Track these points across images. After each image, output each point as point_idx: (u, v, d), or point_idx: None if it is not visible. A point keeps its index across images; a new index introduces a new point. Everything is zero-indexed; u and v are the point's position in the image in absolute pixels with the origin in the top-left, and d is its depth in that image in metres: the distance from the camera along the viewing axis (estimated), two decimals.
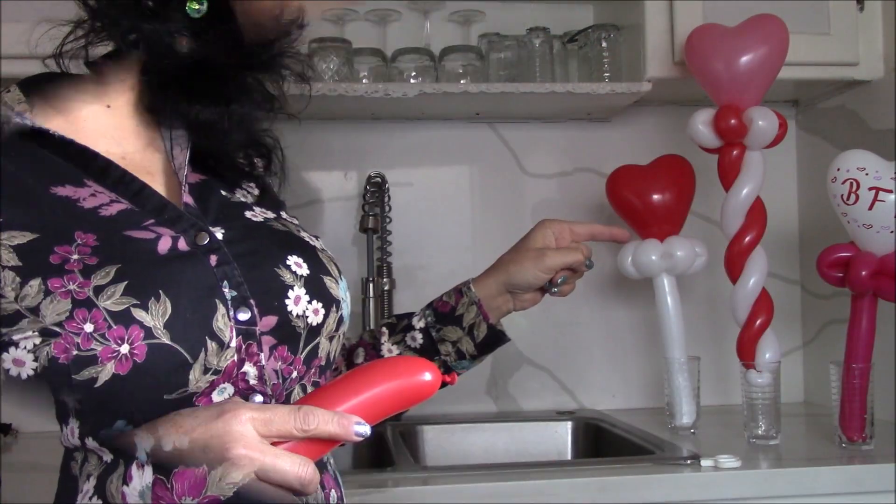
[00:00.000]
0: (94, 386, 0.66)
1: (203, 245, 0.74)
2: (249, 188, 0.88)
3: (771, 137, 1.58)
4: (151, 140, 0.82)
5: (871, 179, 1.45)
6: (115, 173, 0.75)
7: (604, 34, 1.80)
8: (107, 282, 0.67)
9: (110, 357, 0.65)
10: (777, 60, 1.58)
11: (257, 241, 0.79)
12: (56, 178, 0.73)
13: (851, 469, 1.37)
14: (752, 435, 1.57)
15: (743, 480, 1.34)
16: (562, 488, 1.30)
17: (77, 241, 0.69)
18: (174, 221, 0.75)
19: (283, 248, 0.80)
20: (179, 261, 0.72)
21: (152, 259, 0.70)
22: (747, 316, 1.60)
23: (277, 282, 0.77)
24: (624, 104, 1.83)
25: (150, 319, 0.67)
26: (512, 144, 1.97)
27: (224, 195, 0.83)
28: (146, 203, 0.75)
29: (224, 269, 0.74)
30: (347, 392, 0.69)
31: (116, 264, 0.68)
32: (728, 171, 1.62)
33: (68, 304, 0.66)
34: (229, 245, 0.76)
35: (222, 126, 0.80)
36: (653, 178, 1.72)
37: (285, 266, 0.78)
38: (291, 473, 0.63)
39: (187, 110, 0.79)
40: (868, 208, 1.45)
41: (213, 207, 0.80)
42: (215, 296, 0.72)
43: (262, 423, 0.64)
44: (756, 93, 1.59)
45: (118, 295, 0.67)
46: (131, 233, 0.71)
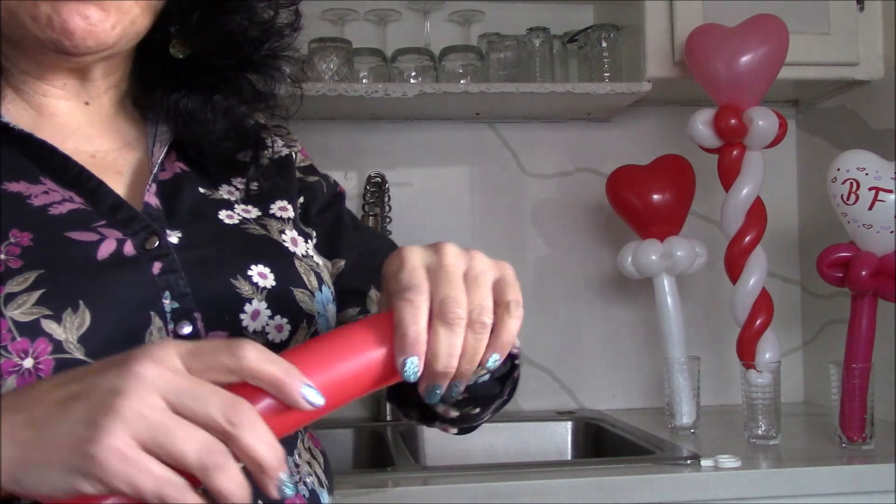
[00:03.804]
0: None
1: (150, 250, 0.68)
2: (239, 184, 0.81)
3: (771, 137, 1.58)
4: (132, 139, 0.78)
5: (871, 179, 1.45)
6: (73, 170, 0.69)
7: (604, 34, 1.80)
8: (21, 289, 0.61)
9: (11, 371, 0.59)
10: (777, 60, 1.58)
11: (217, 247, 0.72)
12: (10, 174, 0.68)
13: (851, 469, 1.37)
14: (752, 435, 1.57)
15: (743, 480, 1.34)
16: (562, 488, 1.30)
17: (10, 239, 0.63)
18: (126, 223, 0.68)
19: (247, 256, 0.73)
20: (116, 268, 0.65)
21: (84, 265, 0.64)
22: (747, 316, 1.60)
23: (231, 293, 0.70)
24: (624, 104, 1.83)
25: (61, 332, 0.60)
26: (512, 144, 1.97)
27: (202, 192, 0.77)
28: (100, 203, 0.69)
29: (168, 277, 0.67)
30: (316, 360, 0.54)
31: (39, 270, 0.62)
32: (728, 171, 1.62)
33: None
34: (184, 250, 0.69)
35: (204, 114, 0.77)
36: (653, 178, 1.73)
37: (244, 276, 0.71)
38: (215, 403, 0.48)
39: (171, 99, 0.76)
40: (868, 208, 1.45)
41: (183, 207, 0.74)
42: (151, 307, 0.65)
43: (188, 353, 0.50)
44: (756, 93, 1.59)
45: (29, 304, 0.61)
46: (73, 234, 0.66)
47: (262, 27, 0.79)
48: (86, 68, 0.73)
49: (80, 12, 0.66)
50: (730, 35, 1.57)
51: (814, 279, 1.74)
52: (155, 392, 0.47)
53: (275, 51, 0.80)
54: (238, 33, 0.77)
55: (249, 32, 0.78)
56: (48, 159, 0.69)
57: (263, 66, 0.80)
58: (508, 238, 1.95)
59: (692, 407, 1.67)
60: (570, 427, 1.80)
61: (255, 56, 0.79)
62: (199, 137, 0.78)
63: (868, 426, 1.48)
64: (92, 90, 0.75)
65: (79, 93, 0.75)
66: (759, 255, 1.61)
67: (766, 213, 1.62)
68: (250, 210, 0.78)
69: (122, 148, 0.76)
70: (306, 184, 0.86)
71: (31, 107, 0.73)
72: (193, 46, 0.77)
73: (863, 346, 1.50)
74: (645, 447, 1.53)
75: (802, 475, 1.36)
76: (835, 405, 1.52)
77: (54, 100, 0.74)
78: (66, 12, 0.65)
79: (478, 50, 1.82)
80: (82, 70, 0.73)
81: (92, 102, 0.76)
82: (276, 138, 0.86)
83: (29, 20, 0.66)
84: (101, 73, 0.75)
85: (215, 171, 0.79)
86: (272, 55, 0.80)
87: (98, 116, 0.76)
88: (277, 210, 0.80)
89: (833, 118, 1.89)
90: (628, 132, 1.97)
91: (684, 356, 1.70)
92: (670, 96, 1.87)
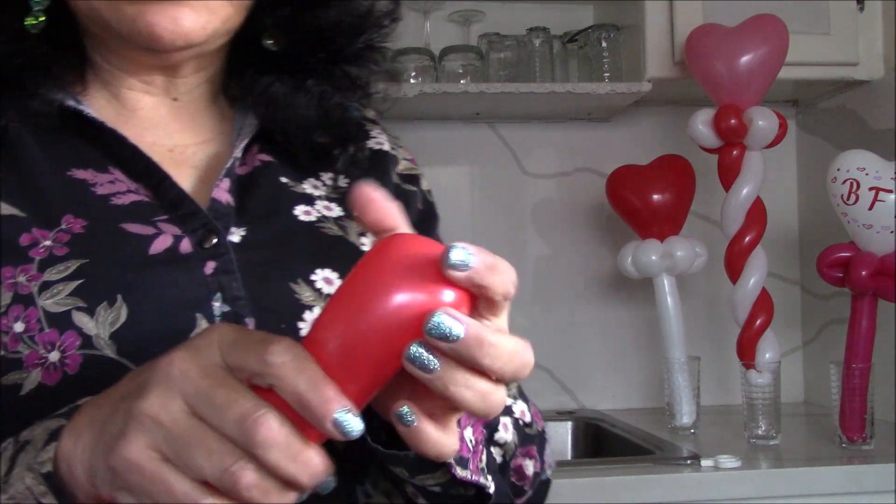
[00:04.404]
0: (19, 393, 0.57)
1: (206, 249, 0.63)
2: (328, 179, 0.75)
3: (771, 137, 1.58)
4: (217, 134, 0.73)
5: (871, 179, 1.45)
6: (141, 162, 0.66)
7: (604, 34, 1.80)
8: (60, 277, 0.58)
9: (36, 364, 0.56)
10: (777, 60, 1.58)
11: (284, 248, 0.67)
12: (80, 162, 0.65)
13: (851, 469, 1.37)
14: (752, 435, 1.57)
15: (743, 480, 1.34)
16: (562, 488, 1.29)
17: (62, 225, 0.61)
18: (186, 219, 0.64)
19: (313, 258, 0.67)
20: (165, 265, 0.62)
21: (131, 259, 0.61)
22: (747, 316, 1.60)
23: (290, 299, 0.64)
24: (624, 104, 1.83)
25: (92, 326, 0.57)
26: (512, 144, 1.97)
27: (283, 182, 0.72)
28: (164, 196, 0.65)
29: (221, 278, 0.62)
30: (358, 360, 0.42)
31: (83, 259, 0.59)
32: (728, 171, 1.62)
33: (9, 297, 0.58)
34: (245, 250, 0.65)
35: (296, 99, 0.72)
36: (653, 178, 1.73)
37: (306, 281, 0.65)
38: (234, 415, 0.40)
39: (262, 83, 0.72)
40: (868, 208, 1.45)
41: (257, 202, 0.69)
42: (198, 309, 0.61)
43: (231, 344, 0.43)
44: (756, 93, 1.59)
45: (64, 294, 0.58)
46: (129, 226, 0.63)
47: (358, 19, 0.74)
48: (175, 65, 0.69)
49: (168, 14, 0.62)
50: (730, 35, 1.57)
51: (814, 279, 1.74)
52: (176, 393, 0.42)
53: (371, 42, 0.75)
54: (330, 28, 0.73)
55: (344, 25, 0.73)
56: (118, 150, 0.66)
57: (358, 57, 0.75)
58: (508, 238, 1.95)
59: (692, 407, 1.67)
60: (570, 427, 1.80)
61: (348, 49, 0.74)
62: (287, 123, 0.73)
63: (868, 426, 1.48)
64: (181, 86, 0.72)
65: (167, 89, 0.71)
66: (759, 255, 1.61)
67: (766, 213, 1.62)
68: (332, 208, 0.72)
69: (203, 142, 0.72)
70: (402, 190, 0.80)
71: (116, 99, 0.70)
72: (286, 40, 0.73)
73: (863, 346, 1.50)
74: (645, 447, 1.53)
75: (802, 475, 1.36)
76: (835, 405, 1.52)
77: (140, 94, 0.71)
78: (151, 15, 0.62)
79: (478, 50, 1.82)
80: (172, 67, 0.69)
81: (180, 98, 0.72)
82: (378, 134, 0.80)
83: (113, 20, 0.63)
84: (192, 69, 0.71)
85: (304, 162, 0.74)
86: (367, 47, 0.75)
87: (185, 112, 0.72)
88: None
89: (833, 118, 1.89)
90: (628, 132, 1.97)
91: (684, 356, 1.70)
92: (670, 96, 1.87)
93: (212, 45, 0.67)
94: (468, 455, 0.58)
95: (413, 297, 0.42)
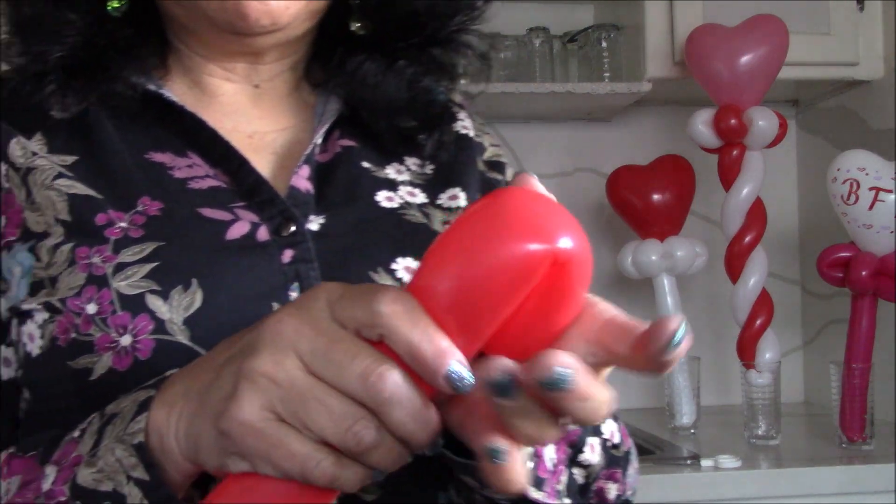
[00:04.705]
0: (88, 378, 0.55)
1: (285, 237, 0.61)
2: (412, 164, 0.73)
3: (771, 137, 1.58)
4: (299, 121, 0.71)
5: (871, 179, 1.45)
6: (220, 148, 0.64)
7: (604, 34, 1.80)
8: (135, 259, 0.57)
9: (107, 348, 0.55)
10: (777, 60, 1.58)
11: (364, 236, 0.64)
12: (158, 145, 0.64)
13: (851, 469, 1.37)
14: (752, 435, 1.57)
15: (743, 480, 1.34)
16: None
17: (138, 207, 0.60)
18: (264, 206, 0.63)
19: (395, 246, 0.64)
20: (242, 251, 0.60)
21: (208, 243, 0.59)
22: (747, 316, 1.60)
23: None
24: (624, 104, 1.83)
25: (165, 311, 0.55)
26: (512, 144, 1.97)
27: (365, 167, 0.69)
28: (242, 182, 0.63)
29: (299, 267, 0.60)
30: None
31: (159, 242, 0.58)
32: (728, 171, 1.62)
33: (83, 278, 0.56)
34: (324, 239, 0.62)
35: (386, 79, 0.70)
36: (653, 178, 1.73)
37: (387, 270, 0.62)
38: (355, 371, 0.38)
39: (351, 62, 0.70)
40: (868, 208, 1.45)
41: (338, 189, 0.67)
42: (274, 298, 0.58)
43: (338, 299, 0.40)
44: (756, 93, 1.59)
45: (139, 276, 0.56)
46: (205, 211, 0.61)
47: (451, 1, 0.72)
48: (258, 52, 0.68)
49: None
50: (730, 35, 1.57)
51: (814, 279, 1.75)
52: (290, 352, 0.39)
53: (463, 25, 0.73)
54: (424, 12, 0.70)
55: (437, 9, 0.71)
56: (197, 134, 0.65)
57: (450, 41, 0.72)
58: None
59: (692, 407, 1.67)
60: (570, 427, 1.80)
61: (441, 33, 0.72)
62: (375, 104, 0.70)
63: (868, 426, 1.48)
64: (263, 73, 0.70)
65: (249, 76, 0.70)
66: (759, 255, 1.61)
67: (766, 213, 1.62)
68: (416, 194, 0.70)
69: (283, 129, 0.71)
70: (487, 179, 0.76)
71: (197, 86, 0.69)
72: (375, 23, 0.71)
73: (863, 346, 1.50)
74: (645, 447, 1.53)
75: (802, 475, 1.36)
76: (835, 405, 1.52)
77: (221, 80, 0.69)
78: None
79: None
80: (255, 53, 0.68)
81: (262, 85, 0.70)
82: (464, 118, 0.78)
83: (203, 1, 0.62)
84: (275, 56, 0.69)
85: (388, 145, 0.72)
86: (460, 30, 0.73)
87: (266, 99, 0.71)
88: (447, 199, 0.71)
89: (833, 118, 1.89)
90: (628, 132, 1.97)
91: (684, 356, 1.70)
92: (670, 96, 1.87)
93: (297, 29, 0.66)
94: (545, 476, 0.55)
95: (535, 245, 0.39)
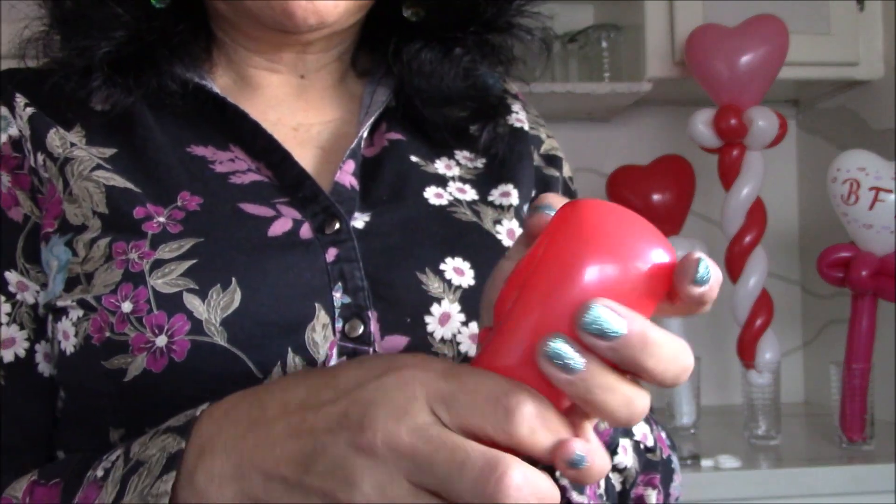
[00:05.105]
0: (122, 379, 0.52)
1: (328, 235, 0.58)
2: (462, 159, 0.69)
3: (771, 137, 1.58)
4: (346, 113, 0.69)
5: (872, 179, 1.45)
6: (262, 140, 0.61)
7: (604, 34, 1.80)
8: (173, 256, 0.54)
9: (142, 348, 0.52)
10: (777, 60, 1.58)
11: (411, 234, 0.61)
12: (199, 138, 0.62)
13: (851, 469, 1.37)
14: (752, 435, 1.57)
15: (743, 480, 1.34)
16: None
17: (177, 202, 0.57)
18: (307, 202, 0.60)
19: (444, 246, 0.60)
20: (284, 249, 0.57)
21: (248, 241, 0.56)
22: (747, 316, 1.60)
23: (415, 290, 0.57)
24: (624, 104, 1.83)
25: (203, 311, 0.52)
26: None
27: (414, 161, 0.66)
28: (285, 176, 0.61)
29: (342, 266, 0.57)
30: None
31: (197, 238, 0.55)
32: (728, 171, 1.62)
33: (119, 275, 0.54)
34: (369, 237, 0.59)
35: (443, 68, 0.67)
36: (653, 178, 1.73)
37: (435, 270, 0.59)
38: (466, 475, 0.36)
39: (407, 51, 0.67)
40: (868, 208, 1.45)
41: (384, 184, 0.64)
42: (317, 299, 0.55)
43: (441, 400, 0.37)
44: (756, 93, 1.59)
45: (176, 274, 0.54)
46: (247, 206, 0.58)
47: None
48: (305, 43, 0.65)
49: None
50: (730, 35, 1.57)
51: (814, 279, 1.75)
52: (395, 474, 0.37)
53: (523, 8, 0.69)
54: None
55: None
56: (239, 126, 0.62)
57: (509, 27, 0.68)
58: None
59: (692, 407, 1.67)
60: None
61: (500, 18, 0.68)
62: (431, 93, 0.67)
63: (868, 426, 1.48)
64: (310, 64, 0.67)
65: (295, 66, 0.67)
66: (759, 255, 1.61)
67: (766, 213, 1.62)
68: (466, 190, 0.66)
69: (329, 122, 0.68)
70: (543, 175, 0.73)
71: (242, 79, 0.67)
72: (429, 9, 0.67)
73: (863, 346, 1.50)
74: None
75: (802, 475, 1.36)
76: (835, 405, 1.52)
77: (265, 72, 0.67)
78: None
79: None
80: (301, 44, 0.65)
81: (308, 76, 0.68)
82: (518, 110, 0.75)
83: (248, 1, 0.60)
84: (322, 47, 0.66)
85: (439, 138, 0.69)
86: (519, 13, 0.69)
87: (312, 89, 0.68)
88: (498, 196, 0.67)
89: (833, 118, 1.89)
90: (628, 132, 1.97)
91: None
92: (670, 96, 1.87)
93: (345, 23, 0.63)
94: None
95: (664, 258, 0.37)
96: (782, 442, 1.55)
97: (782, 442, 1.55)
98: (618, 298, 0.36)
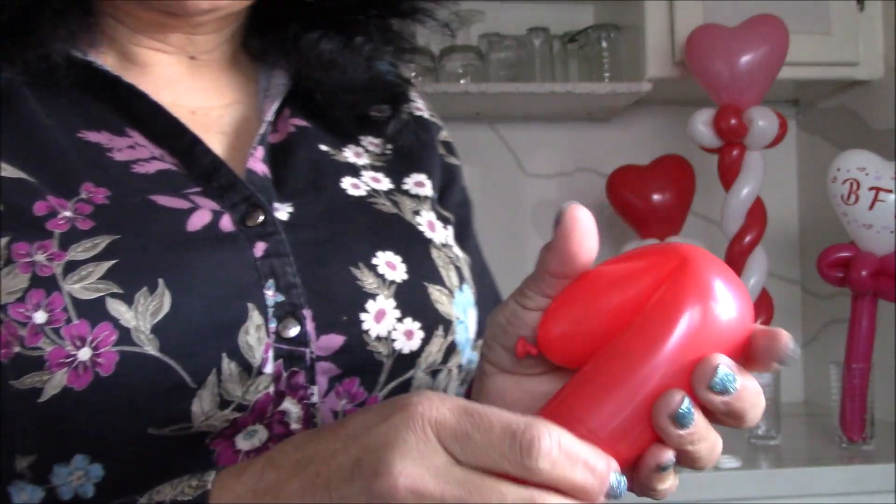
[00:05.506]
0: (37, 400, 0.46)
1: (252, 227, 0.54)
2: (369, 145, 0.67)
3: (771, 137, 1.58)
4: (243, 96, 0.64)
5: (872, 179, 1.45)
6: (165, 123, 0.56)
7: (604, 34, 1.80)
8: (88, 256, 0.48)
9: (62, 364, 0.46)
10: (777, 60, 1.58)
11: (336, 227, 0.58)
12: (90, 122, 0.56)
13: (851, 469, 1.37)
14: (752, 435, 1.57)
15: (743, 480, 1.34)
16: None
17: (81, 194, 0.51)
18: (224, 191, 0.55)
19: (374, 240, 0.58)
20: (209, 244, 0.52)
21: (169, 236, 0.51)
22: None
23: (351, 287, 0.55)
24: (624, 104, 1.83)
25: (130, 317, 0.47)
26: (512, 144, 1.97)
27: (323, 150, 0.63)
28: (195, 164, 0.56)
29: (273, 262, 0.53)
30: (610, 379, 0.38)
31: (114, 235, 0.49)
32: (728, 171, 1.62)
33: (25, 280, 0.47)
34: (295, 229, 0.56)
35: (344, 58, 0.63)
36: (653, 178, 1.73)
37: (369, 265, 0.56)
38: None
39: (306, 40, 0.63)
40: (868, 208, 1.45)
41: (298, 174, 0.60)
42: (249, 298, 0.51)
43: (454, 438, 0.37)
44: (756, 93, 1.59)
45: (95, 277, 0.48)
46: (159, 198, 0.53)
47: None
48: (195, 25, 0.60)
49: None
50: (730, 35, 1.57)
51: (814, 279, 1.74)
52: None
53: None
54: None
55: None
56: (137, 109, 0.56)
57: (412, 11, 0.65)
58: (508, 238, 1.95)
59: None
60: None
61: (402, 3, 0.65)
62: (332, 84, 0.64)
63: (868, 426, 1.48)
64: (200, 45, 0.62)
65: (184, 47, 0.61)
66: (759, 255, 1.61)
67: (766, 213, 1.62)
68: (380, 179, 0.64)
69: (228, 105, 0.63)
70: (447, 164, 0.71)
71: (125, 56, 0.60)
72: None
73: (863, 346, 1.50)
74: None
75: (802, 475, 1.36)
76: (835, 405, 1.52)
77: (152, 51, 0.61)
78: None
79: (478, 50, 1.82)
80: (190, 26, 0.60)
81: (199, 57, 0.62)
82: (416, 98, 0.72)
83: None
84: (212, 28, 0.61)
85: (343, 125, 0.66)
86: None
87: (205, 71, 0.63)
88: (412, 185, 0.65)
89: (833, 118, 1.89)
90: (628, 132, 1.97)
91: None
92: (670, 96, 1.87)
93: (238, 6, 0.60)
94: None
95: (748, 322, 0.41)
96: (782, 442, 1.55)
97: (782, 442, 1.55)
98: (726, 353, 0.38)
